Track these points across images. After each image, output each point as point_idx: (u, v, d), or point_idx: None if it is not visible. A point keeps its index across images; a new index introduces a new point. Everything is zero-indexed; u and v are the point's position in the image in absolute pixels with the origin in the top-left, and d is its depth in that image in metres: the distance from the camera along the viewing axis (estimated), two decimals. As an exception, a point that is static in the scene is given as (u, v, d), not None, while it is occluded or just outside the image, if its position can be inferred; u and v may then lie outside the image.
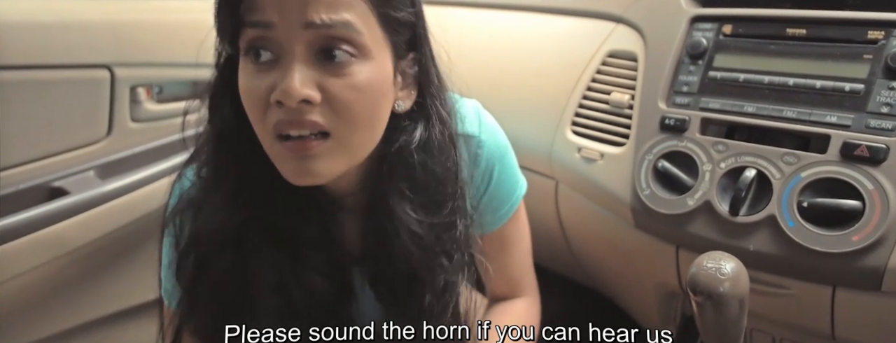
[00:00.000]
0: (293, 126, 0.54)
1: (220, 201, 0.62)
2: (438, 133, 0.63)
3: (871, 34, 0.72)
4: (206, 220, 0.63)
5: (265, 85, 0.54)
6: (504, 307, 0.81)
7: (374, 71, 0.56)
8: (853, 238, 0.66)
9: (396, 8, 0.57)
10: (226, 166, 0.62)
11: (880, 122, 0.69)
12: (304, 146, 0.55)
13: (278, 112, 0.54)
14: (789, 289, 0.74)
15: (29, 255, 0.92)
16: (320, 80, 0.54)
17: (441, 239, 0.64)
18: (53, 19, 0.97)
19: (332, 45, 0.53)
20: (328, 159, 0.56)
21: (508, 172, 0.74)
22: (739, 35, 0.81)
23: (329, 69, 0.54)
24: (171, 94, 1.15)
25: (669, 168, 0.79)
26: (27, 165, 0.98)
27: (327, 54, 0.54)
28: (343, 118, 0.55)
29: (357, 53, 0.54)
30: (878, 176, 0.67)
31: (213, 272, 0.63)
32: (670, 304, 0.92)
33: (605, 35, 0.97)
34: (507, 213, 0.76)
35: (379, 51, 0.56)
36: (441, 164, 0.63)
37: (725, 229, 0.74)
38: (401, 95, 0.61)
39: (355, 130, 0.57)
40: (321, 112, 0.54)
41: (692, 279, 0.55)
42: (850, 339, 0.76)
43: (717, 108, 0.79)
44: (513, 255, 0.80)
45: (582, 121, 0.94)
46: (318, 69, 0.54)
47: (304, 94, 0.53)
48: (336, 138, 0.56)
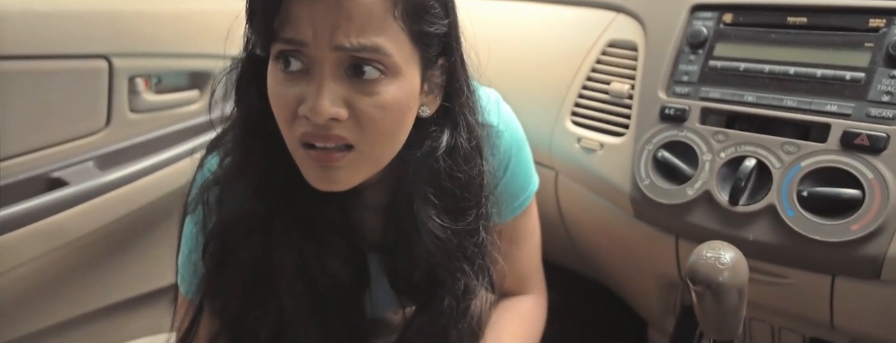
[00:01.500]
0: (319, 139, 0.55)
1: (247, 189, 0.62)
2: (465, 141, 0.63)
3: (872, 22, 0.72)
4: (233, 207, 0.63)
5: (293, 94, 0.54)
6: (511, 305, 0.81)
7: (401, 88, 0.56)
8: (853, 227, 0.66)
9: (430, 23, 0.57)
10: (253, 154, 0.62)
11: (881, 110, 0.68)
12: (329, 157, 0.56)
13: (305, 124, 0.55)
14: (789, 278, 0.74)
15: (28, 246, 0.92)
16: (348, 96, 0.54)
17: (463, 245, 0.65)
18: (51, 9, 0.96)
19: (361, 64, 0.54)
20: (351, 170, 0.58)
21: (523, 166, 0.74)
22: (740, 24, 0.81)
23: (357, 86, 0.54)
24: (170, 85, 1.14)
25: (669, 158, 0.78)
26: (26, 156, 0.98)
27: (356, 71, 0.54)
28: (368, 133, 0.56)
29: (386, 71, 0.55)
30: (878, 165, 0.67)
31: (240, 256, 0.64)
32: (670, 293, 0.92)
33: (605, 24, 0.97)
34: (520, 207, 0.76)
35: (408, 67, 0.56)
36: (466, 171, 0.63)
37: (725, 219, 0.74)
38: (426, 101, 0.61)
39: (379, 144, 0.58)
40: (347, 127, 0.55)
41: (691, 269, 0.55)
42: (849, 327, 0.76)
43: (718, 97, 0.79)
44: (522, 250, 0.80)
45: (582, 111, 0.94)
46: (346, 85, 0.54)
47: (331, 114, 0.53)
48: (359, 151, 0.56)
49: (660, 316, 0.97)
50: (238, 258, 0.64)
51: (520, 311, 0.80)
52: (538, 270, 0.84)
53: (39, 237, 0.93)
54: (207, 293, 0.67)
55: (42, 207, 0.93)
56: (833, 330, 0.77)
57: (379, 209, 0.67)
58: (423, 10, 0.56)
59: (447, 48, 0.60)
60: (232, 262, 0.64)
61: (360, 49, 0.52)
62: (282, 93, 0.55)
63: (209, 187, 0.66)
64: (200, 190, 0.66)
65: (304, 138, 0.55)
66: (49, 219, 0.94)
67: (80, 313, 1.04)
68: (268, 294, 0.64)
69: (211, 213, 0.65)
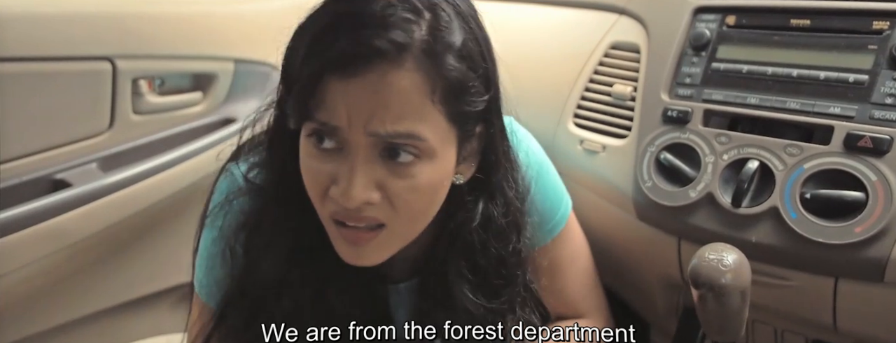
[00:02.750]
0: (350, 219, 0.55)
1: (281, 247, 0.62)
2: (501, 216, 0.62)
3: (876, 24, 0.72)
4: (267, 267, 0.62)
5: (326, 171, 0.54)
6: (559, 324, 0.78)
7: (436, 169, 0.55)
8: (856, 229, 0.66)
9: (469, 103, 0.55)
10: (287, 209, 0.61)
11: (884, 112, 0.68)
12: (359, 237, 0.56)
13: (336, 204, 0.54)
14: (791, 280, 0.74)
15: (31, 248, 0.93)
16: (381, 179, 0.53)
17: (497, 320, 0.64)
18: (55, 11, 0.97)
19: (396, 148, 0.53)
20: (382, 248, 0.57)
21: (547, 188, 0.73)
22: (743, 26, 0.81)
23: (392, 169, 0.53)
24: (173, 87, 1.15)
25: (672, 160, 0.78)
26: (29, 158, 0.98)
27: (391, 154, 0.53)
28: (400, 213, 0.55)
29: (421, 155, 0.53)
30: (881, 167, 0.66)
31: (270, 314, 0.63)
32: (672, 295, 0.92)
33: (608, 27, 0.97)
34: (552, 230, 0.74)
35: (444, 146, 0.55)
36: (502, 247, 0.63)
37: (727, 221, 0.74)
38: (461, 169, 0.60)
39: (411, 222, 0.57)
40: (379, 208, 0.54)
41: (694, 271, 0.55)
42: (852, 330, 0.75)
43: (720, 99, 0.79)
44: (567, 277, 0.78)
45: (584, 113, 0.93)
46: (380, 167, 0.53)
47: (363, 199, 0.53)
48: (391, 229, 0.56)
49: (662, 318, 0.97)
50: (268, 315, 0.63)
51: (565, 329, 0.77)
52: (591, 294, 0.81)
53: (42, 239, 0.93)
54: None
55: (45, 209, 0.93)
56: (836, 333, 0.77)
57: (408, 259, 0.66)
58: (463, 92, 0.54)
59: (487, 120, 0.59)
60: (262, 318, 0.63)
61: (396, 136, 0.51)
62: (315, 168, 0.54)
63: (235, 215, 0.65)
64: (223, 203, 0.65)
65: (336, 217, 0.55)
66: (52, 220, 0.94)
67: (83, 315, 1.04)
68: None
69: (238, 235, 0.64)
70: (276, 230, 0.62)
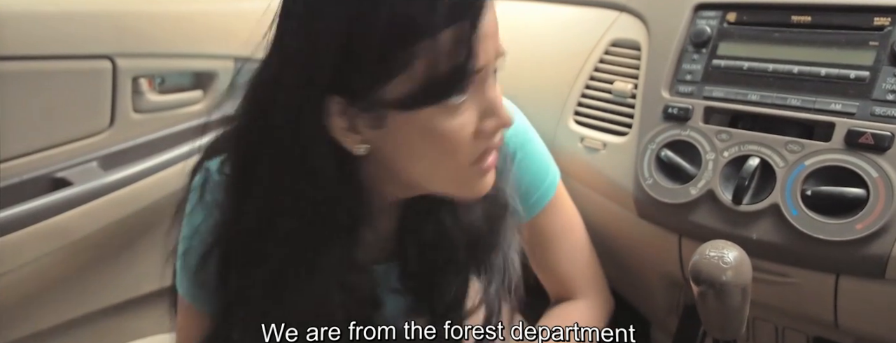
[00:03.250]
0: (498, 144, 0.59)
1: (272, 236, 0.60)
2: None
3: (877, 21, 0.72)
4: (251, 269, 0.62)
5: (469, 117, 0.55)
6: (557, 313, 0.78)
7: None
8: (857, 226, 0.66)
9: None
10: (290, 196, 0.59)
11: (886, 109, 0.68)
12: (491, 163, 0.59)
13: (488, 139, 0.57)
14: (792, 277, 0.74)
15: (32, 246, 0.93)
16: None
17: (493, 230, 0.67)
18: (55, 10, 0.97)
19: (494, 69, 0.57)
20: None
21: (533, 158, 0.74)
22: (743, 23, 0.81)
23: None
24: (174, 85, 1.15)
25: (672, 157, 0.78)
26: (30, 156, 0.98)
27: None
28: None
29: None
30: (882, 164, 0.66)
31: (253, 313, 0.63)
32: (673, 293, 0.92)
33: (608, 24, 0.97)
34: (539, 201, 0.75)
35: None
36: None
37: (728, 218, 0.74)
38: None
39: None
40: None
41: (694, 268, 0.55)
42: (853, 327, 0.75)
43: (721, 96, 0.79)
44: (559, 249, 0.78)
45: (584, 110, 0.93)
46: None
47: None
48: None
49: (663, 315, 0.97)
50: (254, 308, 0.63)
51: (563, 317, 0.78)
52: (586, 271, 0.81)
53: (43, 237, 0.93)
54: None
55: (46, 207, 0.94)
56: (837, 329, 0.77)
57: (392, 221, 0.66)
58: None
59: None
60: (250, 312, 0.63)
61: (503, 52, 0.57)
62: (460, 123, 0.54)
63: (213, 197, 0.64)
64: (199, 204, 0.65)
65: (489, 152, 0.58)
66: (53, 219, 0.94)
67: (83, 313, 1.05)
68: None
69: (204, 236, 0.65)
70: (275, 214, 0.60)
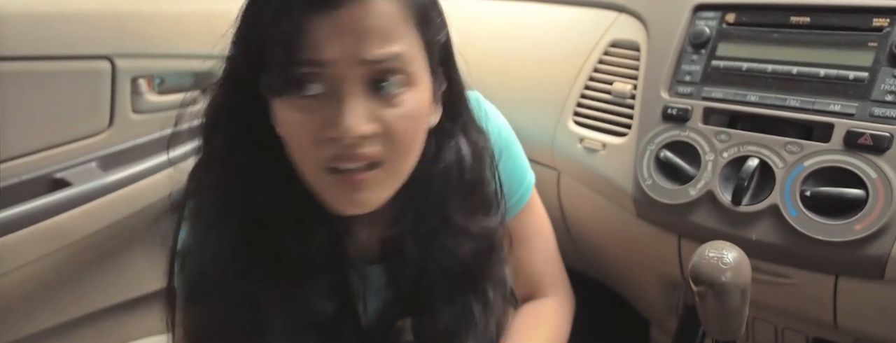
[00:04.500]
0: (347, 160, 0.54)
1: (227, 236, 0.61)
2: (479, 144, 0.64)
3: (875, 21, 0.72)
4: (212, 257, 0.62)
5: (316, 118, 0.53)
6: (528, 310, 0.79)
7: (421, 96, 0.56)
8: (856, 227, 0.66)
9: (437, 31, 0.58)
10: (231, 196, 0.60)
11: (884, 110, 0.68)
12: (356, 179, 0.55)
13: (331, 147, 0.53)
14: (792, 278, 0.74)
15: (31, 247, 0.93)
16: (374, 111, 0.54)
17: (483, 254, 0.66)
18: (54, 10, 0.96)
19: (384, 77, 0.53)
20: (379, 188, 0.57)
21: (514, 161, 0.74)
22: (742, 23, 0.81)
23: (382, 99, 0.54)
24: (173, 86, 1.14)
25: (672, 158, 0.78)
26: (29, 157, 0.98)
27: (378, 85, 0.54)
28: (397, 147, 0.55)
29: (406, 81, 0.55)
30: (881, 164, 0.66)
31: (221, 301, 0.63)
32: (672, 293, 0.92)
33: (608, 24, 0.97)
34: (517, 204, 0.75)
35: (422, 75, 0.57)
36: (481, 174, 0.64)
37: (728, 219, 0.74)
38: (431, 109, 0.61)
39: (405, 156, 0.57)
40: (374, 142, 0.54)
41: (694, 269, 0.55)
42: (852, 327, 0.75)
43: (720, 97, 0.79)
44: (531, 249, 0.79)
45: (584, 111, 0.93)
46: (371, 100, 0.54)
47: (364, 131, 0.53)
48: (387, 166, 0.56)
49: (662, 316, 0.97)
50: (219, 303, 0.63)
51: (538, 314, 0.79)
52: (554, 270, 0.82)
53: (42, 238, 0.93)
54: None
55: (45, 208, 0.93)
56: (836, 330, 0.77)
57: (380, 225, 0.66)
58: (430, 19, 0.56)
59: (446, 56, 0.61)
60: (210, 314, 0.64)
61: (387, 59, 0.52)
62: (300, 119, 0.54)
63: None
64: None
65: (333, 162, 0.54)
66: (52, 219, 0.94)
67: (83, 314, 1.04)
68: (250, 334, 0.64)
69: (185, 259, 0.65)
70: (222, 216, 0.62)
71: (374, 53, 0.52)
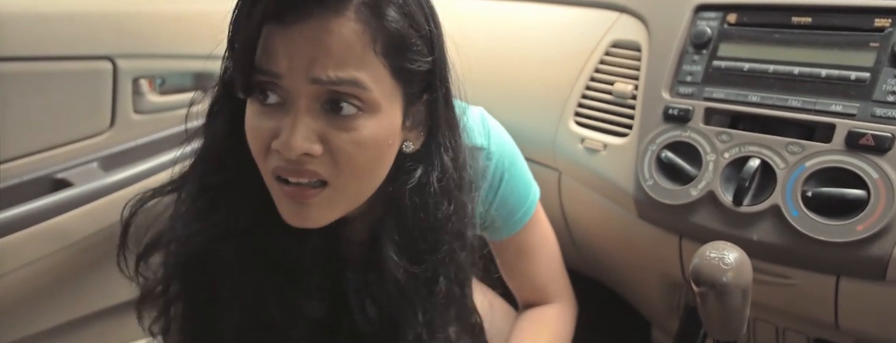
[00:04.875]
0: (291, 174, 0.54)
1: (197, 215, 0.62)
2: (436, 180, 0.62)
3: (877, 22, 0.72)
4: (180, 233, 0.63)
5: (269, 127, 0.54)
6: (532, 314, 0.80)
7: (380, 124, 0.55)
8: (858, 227, 0.66)
9: (412, 60, 0.56)
10: (208, 183, 0.61)
11: (886, 110, 0.68)
12: (302, 193, 0.55)
13: (278, 158, 0.54)
14: (793, 278, 0.74)
15: (32, 247, 0.93)
16: (324, 132, 0.53)
17: (420, 291, 0.63)
18: (55, 10, 0.97)
19: (338, 99, 0.53)
20: (325, 207, 0.57)
21: (518, 178, 0.74)
22: (744, 24, 0.81)
23: (334, 122, 0.53)
24: (174, 86, 1.15)
25: (673, 158, 0.78)
26: (30, 157, 0.98)
27: (334, 106, 0.53)
28: (343, 170, 0.55)
29: (364, 107, 0.54)
30: (883, 165, 0.66)
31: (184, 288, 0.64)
32: (673, 294, 0.92)
33: (609, 25, 0.97)
34: (521, 219, 0.75)
35: (388, 102, 0.55)
36: (432, 213, 0.62)
37: (729, 219, 0.74)
38: (410, 137, 0.60)
39: (353, 181, 0.57)
40: (321, 163, 0.54)
41: (695, 269, 0.54)
42: (853, 328, 0.75)
43: (722, 97, 0.79)
44: (535, 261, 0.79)
45: (585, 111, 0.93)
46: (323, 120, 0.53)
47: (304, 149, 0.52)
48: (334, 187, 0.56)
49: (663, 316, 0.97)
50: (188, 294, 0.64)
51: (541, 319, 0.80)
52: (558, 279, 0.82)
53: (43, 238, 0.93)
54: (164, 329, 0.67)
55: (46, 208, 0.93)
56: (838, 331, 0.77)
57: (360, 243, 0.66)
58: (405, 47, 0.55)
59: (431, 85, 0.59)
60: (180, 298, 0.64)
61: (338, 82, 0.52)
62: (257, 125, 0.55)
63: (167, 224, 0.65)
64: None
65: (277, 172, 0.55)
66: (53, 220, 0.94)
67: (84, 314, 1.04)
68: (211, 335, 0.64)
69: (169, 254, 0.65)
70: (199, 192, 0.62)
71: (326, 74, 0.51)
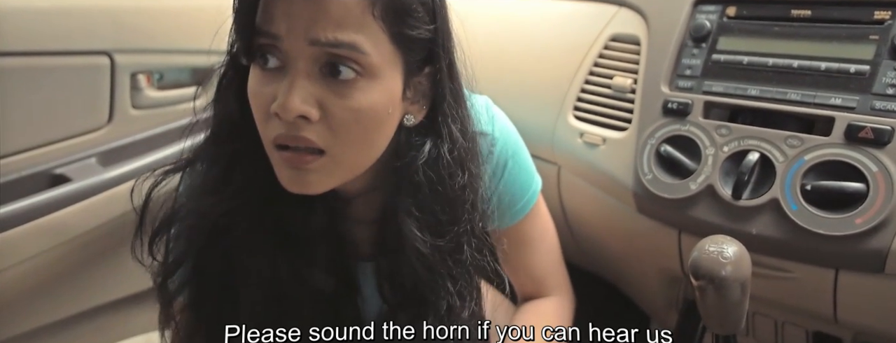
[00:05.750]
0: (289, 140, 0.54)
1: (210, 186, 0.62)
2: (447, 152, 0.62)
3: (877, 14, 0.71)
4: (194, 206, 0.63)
5: (269, 92, 0.54)
6: (530, 307, 0.80)
7: (379, 91, 0.55)
8: (857, 221, 0.66)
9: (412, 26, 0.55)
10: (221, 154, 0.62)
11: (886, 103, 0.68)
12: (300, 159, 0.55)
13: (277, 125, 0.54)
14: (792, 272, 0.74)
15: (31, 243, 0.93)
16: (321, 96, 0.53)
17: (447, 262, 0.63)
18: (52, 5, 0.96)
19: (336, 62, 0.53)
20: (323, 174, 0.57)
21: (521, 167, 0.74)
22: (743, 17, 0.80)
23: (332, 86, 0.53)
24: (172, 81, 1.14)
25: (672, 152, 0.78)
26: (28, 152, 0.98)
27: (332, 70, 0.53)
28: (340, 138, 0.55)
29: (363, 72, 0.53)
30: (882, 158, 0.66)
31: (197, 260, 0.64)
32: (673, 288, 0.92)
33: (608, 18, 0.96)
34: (523, 209, 0.75)
35: (388, 69, 0.55)
36: (449, 185, 0.62)
37: (728, 213, 0.74)
38: (411, 109, 0.60)
39: (351, 149, 0.56)
40: (317, 129, 0.54)
41: (694, 263, 0.55)
42: (852, 321, 0.75)
43: (721, 91, 0.78)
44: (535, 252, 0.79)
45: (584, 105, 0.93)
46: (321, 85, 0.53)
47: (300, 111, 0.52)
48: (331, 156, 0.56)
49: (662, 310, 0.97)
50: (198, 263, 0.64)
51: (538, 312, 0.79)
52: (557, 271, 0.82)
53: (42, 234, 0.93)
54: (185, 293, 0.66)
55: (44, 204, 0.93)
56: (836, 324, 0.77)
57: (370, 222, 0.66)
58: (405, 13, 0.55)
59: (433, 55, 0.59)
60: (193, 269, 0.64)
61: (337, 45, 0.52)
62: (258, 91, 0.55)
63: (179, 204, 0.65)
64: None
65: (277, 141, 0.55)
66: (52, 215, 0.94)
67: (83, 309, 1.05)
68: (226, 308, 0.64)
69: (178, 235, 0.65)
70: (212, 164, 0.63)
71: (325, 36, 0.51)
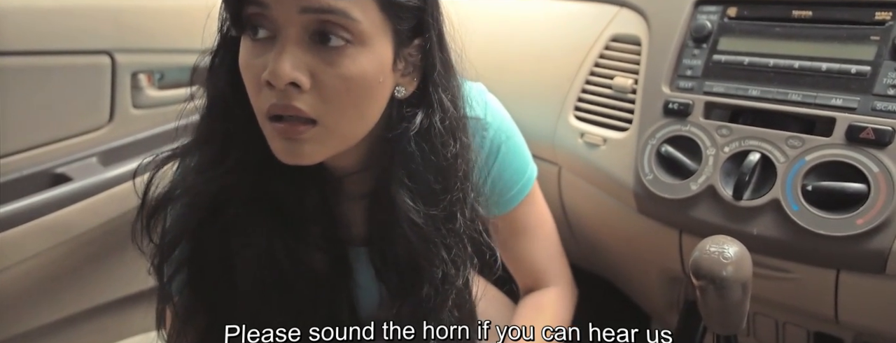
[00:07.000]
0: (281, 109, 0.55)
1: (205, 165, 0.62)
2: (439, 121, 0.62)
3: (878, 15, 0.71)
4: (189, 185, 0.63)
5: (260, 63, 0.54)
6: (530, 300, 0.80)
7: (369, 59, 0.55)
8: (858, 221, 0.66)
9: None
10: (215, 132, 0.62)
11: (887, 104, 0.68)
12: (293, 129, 0.55)
13: (270, 95, 0.54)
14: (793, 272, 0.74)
15: (32, 242, 0.93)
16: (312, 65, 0.54)
17: (441, 231, 0.64)
18: (54, 5, 0.96)
19: (326, 30, 0.53)
20: (316, 144, 0.57)
21: (515, 153, 0.74)
22: (744, 18, 0.80)
23: (322, 54, 0.54)
24: (173, 81, 1.14)
25: (673, 152, 0.78)
26: (29, 152, 0.98)
27: (322, 38, 0.53)
28: (331, 106, 0.55)
29: (353, 40, 0.54)
30: (883, 159, 0.66)
31: (194, 240, 0.64)
32: (673, 288, 0.92)
33: (608, 19, 0.96)
34: (517, 195, 0.75)
35: (378, 37, 0.56)
36: (441, 154, 0.62)
37: (729, 213, 0.74)
38: (402, 81, 0.60)
39: (343, 119, 0.57)
40: (308, 99, 0.54)
41: (695, 263, 0.55)
42: (853, 322, 0.76)
43: (722, 91, 0.78)
44: (532, 240, 0.79)
45: (585, 106, 0.93)
46: (311, 53, 0.54)
47: (292, 77, 0.53)
48: (323, 125, 0.56)
49: (663, 311, 0.97)
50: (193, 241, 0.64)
51: (539, 305, 0.79)
52: (556, 261, 0.82)
53: (43, 233, 0.93)
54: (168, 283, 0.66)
55: (46, 203, 0.93)
56: (837, 325, 0.77)
57: (362, 200, 0.66)
58: None
59: (423, 24, 0.59)
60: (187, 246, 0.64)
61: (327, 10, 0.52)
62: (250, 63, 0.55)
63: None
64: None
65: (270, 111, 0.55)
66: (53, 214, 0.94)
67: (84, 309, 1.05)
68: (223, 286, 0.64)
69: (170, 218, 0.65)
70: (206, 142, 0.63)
71: (315, 2, 0.52)
